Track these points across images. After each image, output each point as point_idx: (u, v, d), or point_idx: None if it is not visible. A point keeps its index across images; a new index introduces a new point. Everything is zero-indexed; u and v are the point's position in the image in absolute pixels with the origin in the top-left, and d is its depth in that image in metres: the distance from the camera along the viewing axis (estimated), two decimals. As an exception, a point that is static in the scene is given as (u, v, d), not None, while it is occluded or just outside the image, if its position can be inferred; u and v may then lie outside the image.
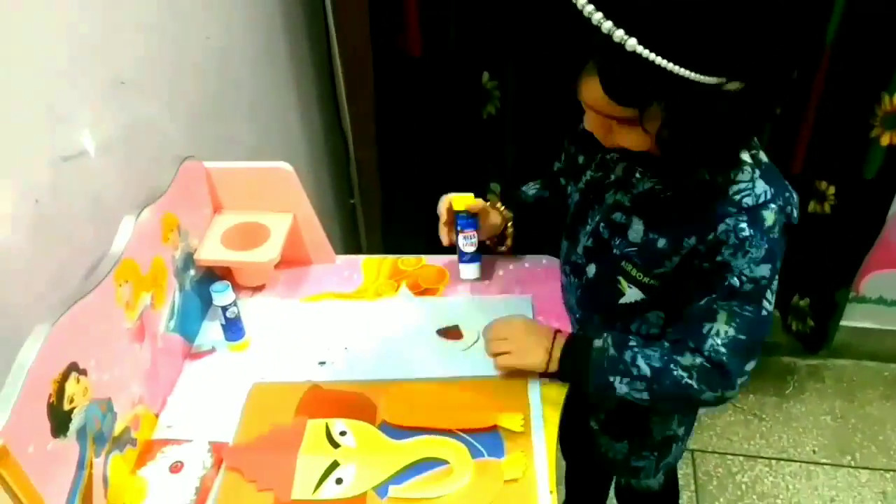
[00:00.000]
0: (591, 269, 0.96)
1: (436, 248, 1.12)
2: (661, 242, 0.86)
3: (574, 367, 0.92)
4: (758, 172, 0.82)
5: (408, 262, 1.18)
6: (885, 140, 1.42)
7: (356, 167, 1.83)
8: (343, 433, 0.90)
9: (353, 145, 1.79)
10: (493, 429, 0.90)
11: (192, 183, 1.04)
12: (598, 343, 0.92)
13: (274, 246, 1.06)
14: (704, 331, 0.85)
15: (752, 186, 0.81)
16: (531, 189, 1.13)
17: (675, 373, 0.87)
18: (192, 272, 1.04)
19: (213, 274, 1.09)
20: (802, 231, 1.60)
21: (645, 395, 0.88)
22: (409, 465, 0.86)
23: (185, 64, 1.08)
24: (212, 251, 1.05)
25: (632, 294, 0.91)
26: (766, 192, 0.80)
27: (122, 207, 0.89)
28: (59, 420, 0.73)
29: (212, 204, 1.11)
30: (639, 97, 0.70)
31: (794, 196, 0.84)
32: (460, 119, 1.54)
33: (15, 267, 0.75)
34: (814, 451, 1.78)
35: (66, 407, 0.74)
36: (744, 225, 0.80)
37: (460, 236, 0.96)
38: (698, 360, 0.86)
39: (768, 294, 0.83)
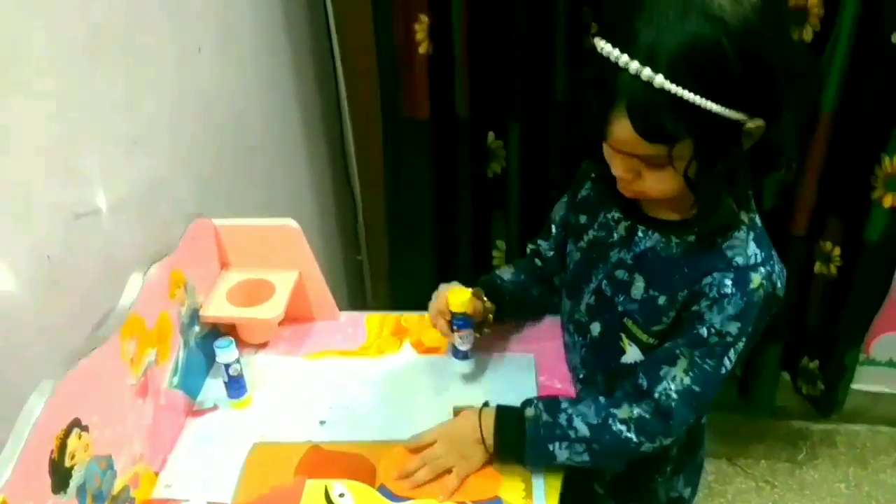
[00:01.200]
0: (596, 328, 0.96)
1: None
2: (662, 300, 0.87)
3: (511, 445, 0.89)
4: (752, 235, 0.83)
5: (410, 319, 1.18)
6: (887, 202, 1.43)
7: (364, 225, 1.86)
8: (342, 495, 0.89)
9: (361, 204, 1.82)
10: (495, 499, 0.88)
11: (201, 240, 1.06)
12: (529, 412, 0.90)
13: (278, 303, 1.07)
14: (661, 373, 0.85)
15: (745, 247, 0.82)
16: (506, 274, 1.09)
17: (613, 427, 0.86)
18: (196, 328, 1.04)
19: (218, 330, 1.09)
20: (810, 293, 1.61)
21: (586, 457, 0.87)
22: (408, 528, 0.85)
23: (198, 124, 1.12)
24: (217, 308, 1.07)
25: (632, 353, 0.91)
26: (756, 254, 0.82)
27: (132, 264, 0.90)
28: (60, 476, 0.73)
29: (219, 260, 1.12)
30: (668, 133, 0.72)
31: (781, 269, 0.84)
32: (466, 178, 1.58)
33: (25, 321, 0.76)
34: (828, 520, 1.73)
35: (68, 463, 0.74)
36: (728, 282, 0.80)
37: (457, 335, 0.99)
38: (636, 410, 0.86)
39: (731, 353, 0.83)
